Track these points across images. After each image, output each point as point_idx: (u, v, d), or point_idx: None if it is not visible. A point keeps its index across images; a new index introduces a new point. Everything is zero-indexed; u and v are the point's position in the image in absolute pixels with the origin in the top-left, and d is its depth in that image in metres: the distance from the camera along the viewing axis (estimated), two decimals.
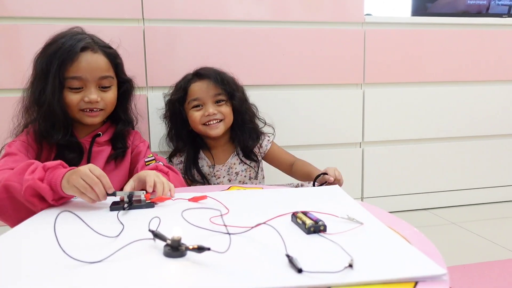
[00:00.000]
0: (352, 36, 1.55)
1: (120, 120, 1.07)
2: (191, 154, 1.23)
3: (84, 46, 0.94)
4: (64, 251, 0.50)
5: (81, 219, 0.59)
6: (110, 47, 1.03)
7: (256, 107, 1.34)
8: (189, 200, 0.77)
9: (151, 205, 0.75)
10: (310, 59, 1.52)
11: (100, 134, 1.03)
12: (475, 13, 1.75)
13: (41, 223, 0.68)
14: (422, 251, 0.52)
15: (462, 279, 1.11)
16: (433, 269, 0.47)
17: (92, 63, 0.96)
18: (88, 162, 0.99)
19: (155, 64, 1.40)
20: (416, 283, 0.45)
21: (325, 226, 0.60)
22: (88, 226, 0.59)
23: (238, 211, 0.71)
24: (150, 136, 1.41)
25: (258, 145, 1.27)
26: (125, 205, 0.73)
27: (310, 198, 0.82)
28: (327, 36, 1.53)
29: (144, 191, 0.77)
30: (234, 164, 1.25)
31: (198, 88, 1.19)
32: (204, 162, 1.25)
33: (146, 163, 1.02)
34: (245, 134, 1.24)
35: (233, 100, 1.21)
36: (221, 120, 1.19)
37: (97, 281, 0.45)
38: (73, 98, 0.96)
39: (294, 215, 0.64)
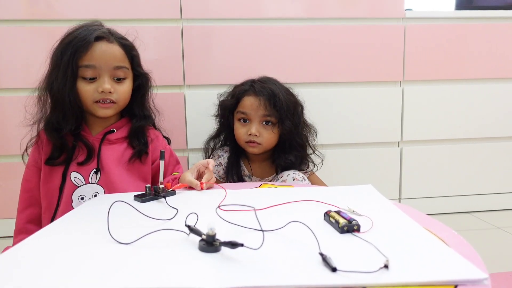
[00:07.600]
0: (391, 32, 1.51)
1: (136, 115, 1.03)
2: (233, 158, 1.23)
3: (99, 36, 0.92)
4: (109, 232, 0.58)
5: (132, 206, 0.63)
6: (126, 39, 1.00)
7: (315, 130, 1.28)
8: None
9: (173, 192, 0.84)
10: (347, 56, 1.50)
11: (113, 130, 1.00)
12: None
13: (90, 209, 0.76)
14: (461, 254, 0.50)
15: (508, 287, 1.05)
16: (474, 273, 0.45)
17: (106, 52, 0.93)
18: (98, 160, 0.96)
19: (192, 63, 1.43)
20: (455, 286, 0.43)
21: (359, 226, 0.59)
22: (139, 211, 0.62)
23: (269, 209, 0.71)
24: (187, 134, 1.45)
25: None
26: (146, 196, 0.80)
27: (342, 197, 0.80)
28: (365, 32, 1.49)
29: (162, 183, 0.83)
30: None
31: (249, 104, 1.16)
32: (242, 170, 1.25)
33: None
34: (287, 160, 1.19)
35: (282, 126, 1.16)
36: (260, 143, 1.17)
37: (139, 266, 0.48)
38: (86, 88, 0.93)
39: (327, 214, 0.64)
